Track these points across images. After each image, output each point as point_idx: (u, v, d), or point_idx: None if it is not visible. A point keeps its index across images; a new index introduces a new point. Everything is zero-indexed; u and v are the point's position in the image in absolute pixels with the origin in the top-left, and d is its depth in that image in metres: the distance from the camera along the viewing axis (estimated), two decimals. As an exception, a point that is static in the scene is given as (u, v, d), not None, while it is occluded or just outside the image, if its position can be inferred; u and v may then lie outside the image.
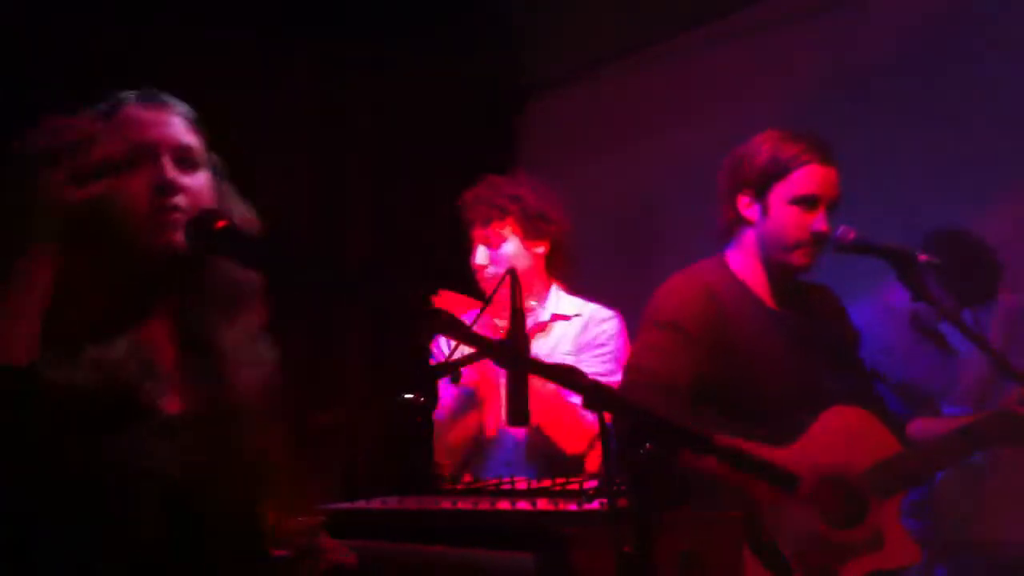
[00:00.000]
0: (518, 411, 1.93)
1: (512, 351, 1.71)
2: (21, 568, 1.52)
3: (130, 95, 1.72)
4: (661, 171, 4.70)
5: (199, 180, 1.70)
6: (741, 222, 2.62)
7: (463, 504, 1.84)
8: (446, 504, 1.87)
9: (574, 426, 2.78)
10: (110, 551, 1.53)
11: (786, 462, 2.29)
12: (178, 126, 1.72)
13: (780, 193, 2.56)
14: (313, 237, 4.43)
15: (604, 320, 2.98)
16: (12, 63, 3.75)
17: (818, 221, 2.53)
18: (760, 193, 2.58)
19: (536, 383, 2.70)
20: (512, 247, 2.96)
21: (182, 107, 1.76)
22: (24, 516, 1.52)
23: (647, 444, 1.46)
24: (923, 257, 2.55)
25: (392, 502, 1.95)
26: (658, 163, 4.71)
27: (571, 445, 2.79)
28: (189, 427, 1.60)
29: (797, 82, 4.23)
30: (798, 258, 2.56)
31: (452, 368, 2.19)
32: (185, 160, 1.69)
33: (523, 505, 1.76)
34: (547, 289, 3.02)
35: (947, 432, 2.55)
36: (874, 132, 3.75)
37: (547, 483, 1.95)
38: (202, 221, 1.60)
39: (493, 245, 2.96)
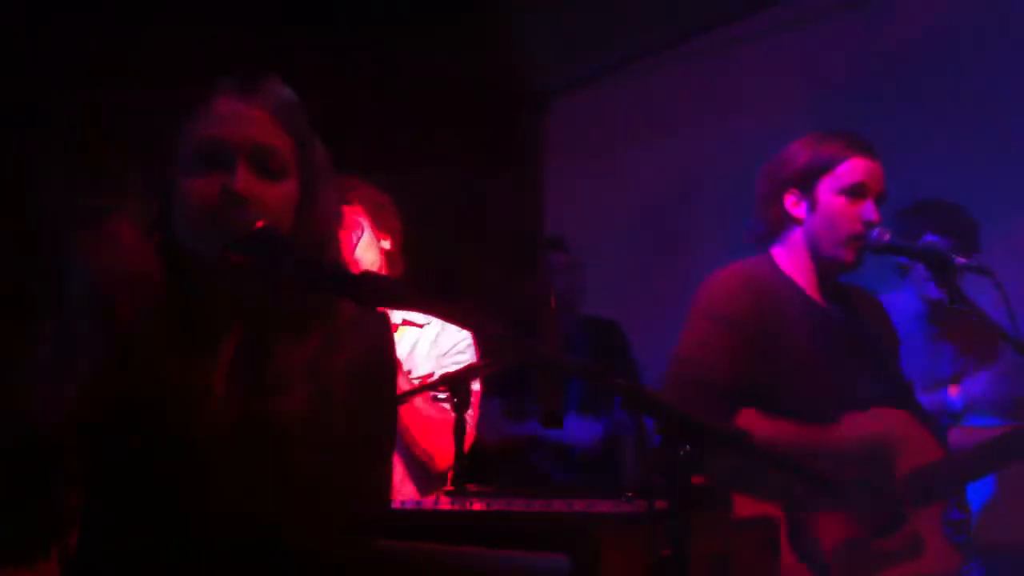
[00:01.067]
0: (552, 413, 1.92)
1: (545, 352, 1.71)
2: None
3: (229, 81, 1.57)
4: (680, 169, 4.70)
5: (278, 191, 1.55)
6: (788, 221, 2.62)
7: (497, 505, 1.84)
8: (479, 505, 1.86)
9: (448, 437, 2.72)
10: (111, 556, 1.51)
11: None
12: (264, 124, 1.55)
13: (827, 186, 2.56)
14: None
15: (459, 329, 2.87)
16: (12, 63, 3.78)
17: (868, 211, 2.53)
18: (807, 189, 2.57)
19: (415, 401, 2.66)
20: (364, 234, 2.87)
21: (275, 95, 1.59)
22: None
23: (685, 446, 1.45)
24: (961, 260, 2.53)
25: (426, 502, 1.95)
26: (677, 161, 4.71)
27: (445, 458, 2.72)
28: (236, 449, 1.52)
29: (819, 81, 4.23)
30: (849, 254, 2.55)
31: (486, 369, 2.19)
32: (265, 166, 1.54)
33: (558, 507, 1.76)
34: None
35: (989, 439, 2.53)
36: (897, 129, 3.73)
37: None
38: (237, 229, 1.49)
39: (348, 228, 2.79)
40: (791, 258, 2.63)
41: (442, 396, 2.27)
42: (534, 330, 3.47)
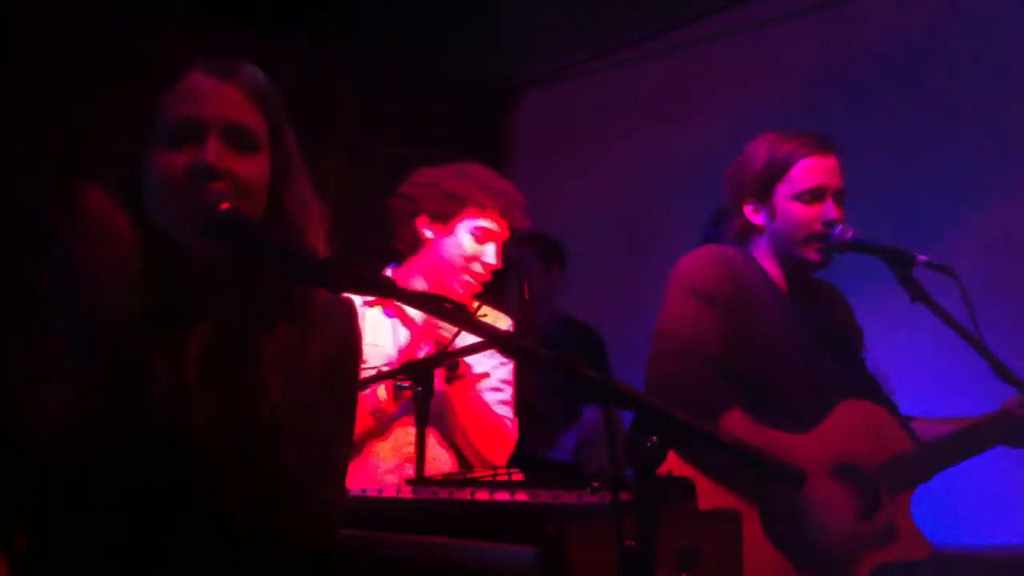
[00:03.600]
0: (528, 403, 1.91)
1: (521, 343, 1.70)
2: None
3: (204, 61, 1.55)
4: (653, 166, 4.69)
5: (252, 165, 1.53)
6: (751, 230, 2.66)
7: (460, 495, 1.83)
8: (443, 494, 1.85)
9: (499, 438, 2.75)
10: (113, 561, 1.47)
11: (802, 450, 2.35)
12: (238, 102, 1.53)
13: (782, 193, 2.61)
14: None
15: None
16: (10, 62, 3.75)
17: (827, 211, 2.57)
18: (763, 198, 2.63)
19: (466, 393, 2.67)
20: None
21: (250, 77, 1.57)
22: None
23: (653, 437, 1.45)
24: (922, 258, 2.56)
25: (389, 491, 1.93)
26: (650, 158, 4.70)
27: (494, 457, 2.74)
28: (213, 444, 1.48)
29: (792, 79, 4.23)
30: (812, 254, 2.60)
31: (452, 358, 2.18)
32: (239, 141, 1.52)
33: (522, 497, 1.75)
34: None
35: (954, 430, 2.59)
36: (870, 130, 3.75)
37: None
38: (206, 204, 1.46)
39: (500, 251, 2.82)
40: (761, 256, 2.68)
41: (405, 385, 2.25)
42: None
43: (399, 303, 2.67)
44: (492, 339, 1.55)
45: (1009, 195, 3.62)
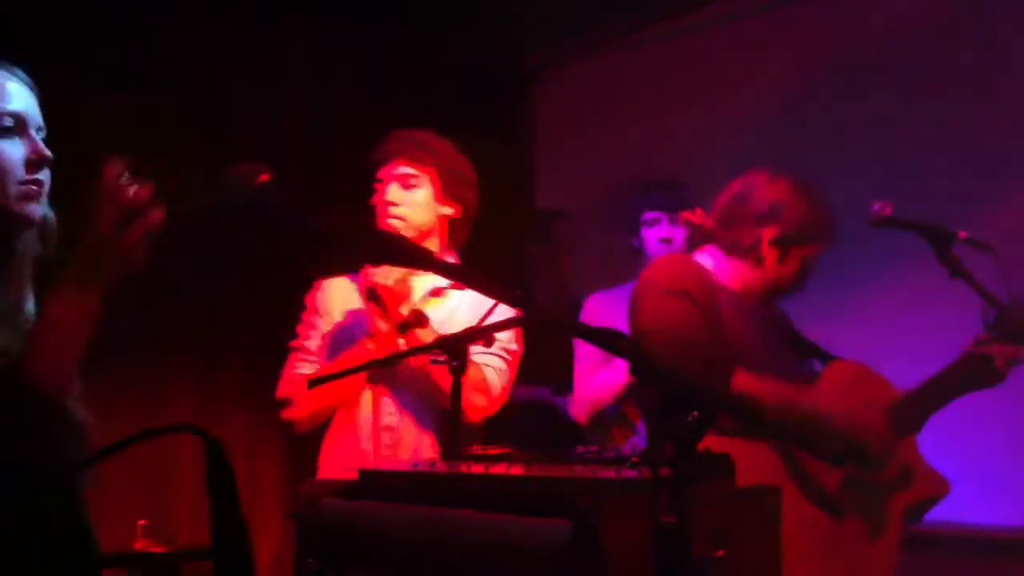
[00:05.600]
0: (563, 382, 1.90)
1: (553, 316, 1.68)
2: None
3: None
4: (671, 148, 4.67)
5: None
6: (751, 253, 2.65)
7: (496, 469, 1.82)
8: (478, 468, 1.84)
9: (477, 391, 2.76)
10: None
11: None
12: (36, 105, 1.88)
13: (798, 252, 2.66)
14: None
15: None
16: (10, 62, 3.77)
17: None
18: (786, 244, 2.64)
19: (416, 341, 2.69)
20: (424, 195, 2.88)
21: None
22: None
23: (694, 412, 1.44)
24: (963, 234, 2.54)
25: (423, 465, 1.93)
26: (668, 140, 4.68)
27: (473, 412, 2.75)
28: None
29: (822, 56, 4.19)
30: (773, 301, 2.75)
31: (486, 332, 2.17)
32: (44, 139, 1.84)
33: (560, 472, 1.73)
34: (445, 255, 2.94)
35: (943, 369, 2.65)
36: (884, 117, 3.72)
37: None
38: (245, 175, 1.54)
39: (407, 186, 2.87)
40: (722, 269, 2.71)
41: (440, 360, 2.23)
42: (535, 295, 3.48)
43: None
44: (531, 318, 1.54)
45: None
